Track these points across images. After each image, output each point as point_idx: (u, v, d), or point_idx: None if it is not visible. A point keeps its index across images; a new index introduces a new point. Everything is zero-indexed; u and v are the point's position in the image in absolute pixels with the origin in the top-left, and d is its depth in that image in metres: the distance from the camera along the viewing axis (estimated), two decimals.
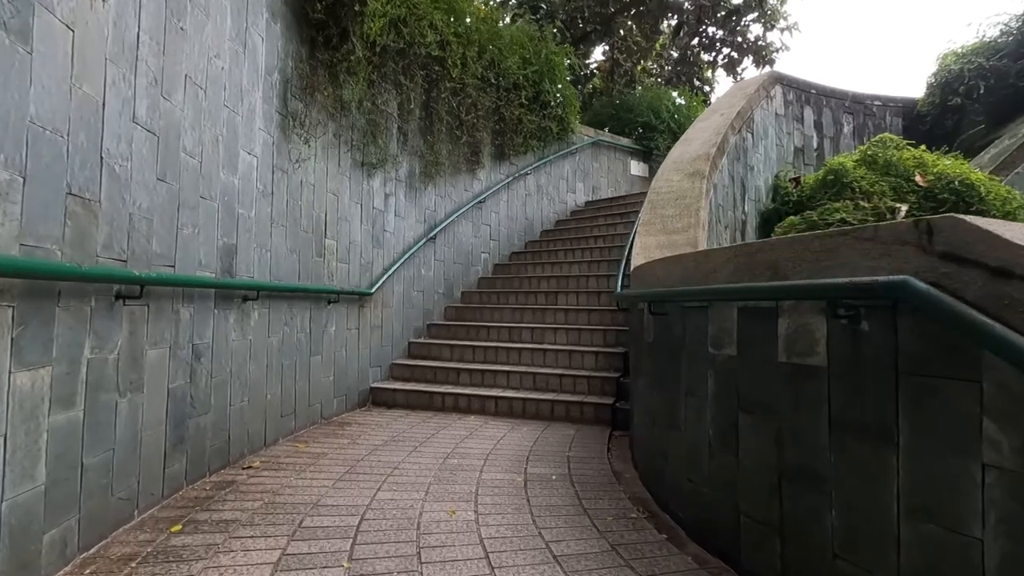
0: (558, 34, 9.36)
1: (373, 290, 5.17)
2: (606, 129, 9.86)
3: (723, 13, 12.38)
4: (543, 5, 10.08)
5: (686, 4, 11.32)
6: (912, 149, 5.70)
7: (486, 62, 6.91)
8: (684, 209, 4.85)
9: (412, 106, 5.71)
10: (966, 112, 7.01)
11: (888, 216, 5.28)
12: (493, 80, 7.02)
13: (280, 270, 3.85)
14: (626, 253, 5.32)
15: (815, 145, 7.34)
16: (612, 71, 12.39)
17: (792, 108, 7.14)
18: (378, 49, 4.91)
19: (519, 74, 7.47)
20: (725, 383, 2.27)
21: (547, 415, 4.76)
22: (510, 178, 7.71)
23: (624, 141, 9.73)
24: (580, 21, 10.55)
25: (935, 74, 7.50)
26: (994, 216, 4.85)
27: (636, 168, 9.90)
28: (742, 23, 12.52)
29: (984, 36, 7.25)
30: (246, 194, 3.43)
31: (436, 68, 5.98)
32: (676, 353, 2.72)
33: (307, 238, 4.22)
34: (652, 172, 9.98)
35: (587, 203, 9.09)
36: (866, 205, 5.27)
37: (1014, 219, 4.88)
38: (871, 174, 5.56)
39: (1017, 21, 6.96)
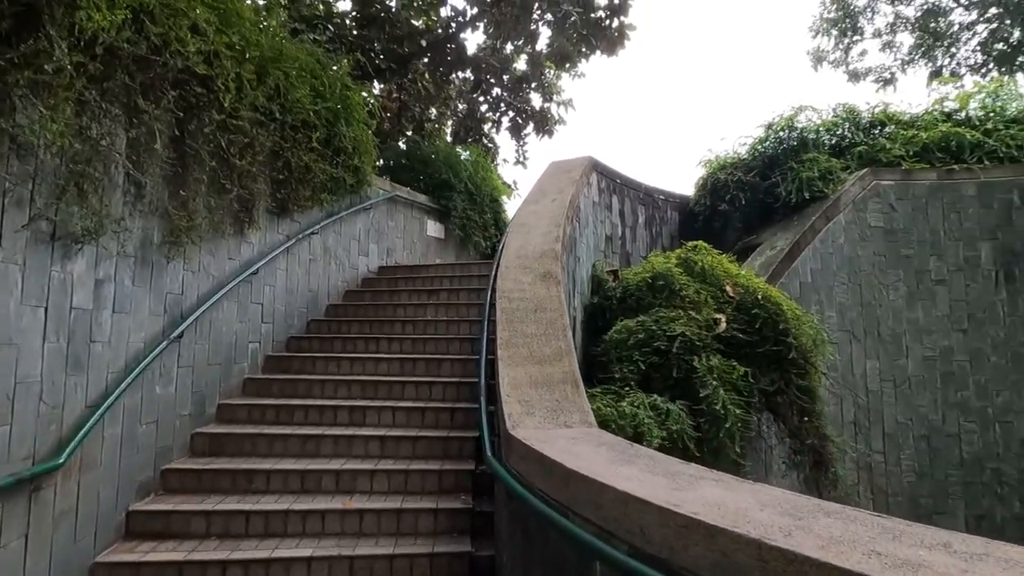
0: (352, 65, 7.89)
1: (64, 457, 2.97)
2: (385, 177, 8.62)
3: (507, 77, 12.52)
4: (329, 26, 8.48)
5: (484, 63, 11.01)
6: (719, 256, 6.01)
7: (269, 89, 5.12)
8: (548, 326, 4.02)
9: (155, 144, 3.66)
10: (731, 217, 8.00)
11: (713, 327, 5.38)
12: (278, 114, 5.24)
13: None
14: (481, 382, 4.21)
15: (620, 234, 7.47)
16: (400, 113, 11.29)
17: (604, 196, 7.13)
18: (99, 51, 2.90)
19: (311, 109, 5.81)
20: None
21: None
22: (292, 240, 5.90)
23: (422, 198, 8.68)
24: (373, 56, 9.24)
25: (705, 179, 8.46)
26: (798, 340, 5.27)
27: (433, 228, 8.93)
28: (523, 89, 12.85)
29: (738, 153, 8.47)
30: None
31: (198, 90, 4.04)
32: None
33: None
34: (448, 233, 9.16)
35: (381, 269, 7.70)
36: (697, 317, 5.25)
37: (814, 347, 5.38)
38: (692, 281, 5.63)
39: (760, 144, 8.28)
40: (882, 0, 18.47)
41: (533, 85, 12.58)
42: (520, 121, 12.63)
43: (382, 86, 10.95)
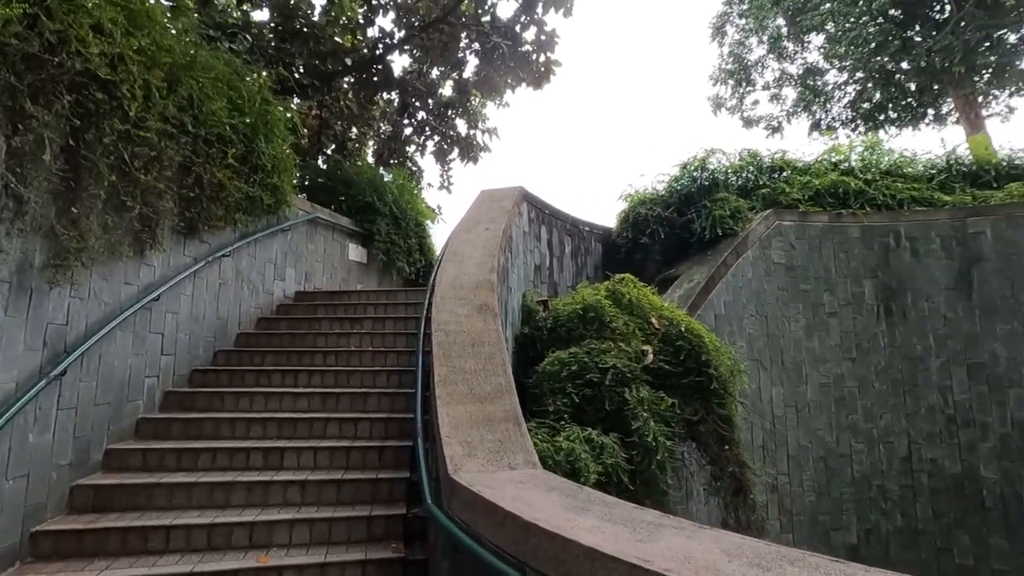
0: (275, 79, 7.47)
1: None
2: (302, 196, 8.18)
3: (433, 101, 12.47)
4: (247, 36, 7.99)
5: (410, 86, 10.87)
6: (644, 288, 6.21)
7: (182, 99, 4.69)
8: (487, 361, 3.90)
9: (43, 154, 3.19)
10: (651, 250, 8.36)
11: (641, 358, 5.51)
12: (190, 127, 4.80)
13: None
14: (417, 418, 3.98)
15: (548, 264, 7.55)
16: (320, 131, 10.85)
17: (534, 226, 7.19)
18: None
19: (227, 123, 5.39)
20: None
21: None
22: (201, 262, 5.39)
23: (344, 221, 8.31)
24: (294, 71, 8.82)
25: (627, 212, 8.81)
26: (718, 370, 5.52)
27: (355, 252, 8.56)
28: (449, 115, 12.85)
29: (656, 189, 8.92)
30: None
31: (99, 96, 3.60)
32: None
33: None
34: (371, 258, 8.83)
35: (299, 294, 7.23)
36: (627, 348, 5.36)
37: (731, 377, 5.65)
38: (621, 313, 5.76)
39: (676, 182, 8.78)
40: (771, 57, 20.54)
41: (459, 111, 12.62)
42: (445, 146, 12.58)
43: (299, 102, 10.49)
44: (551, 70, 10.18)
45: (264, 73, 6.86)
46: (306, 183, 8.73)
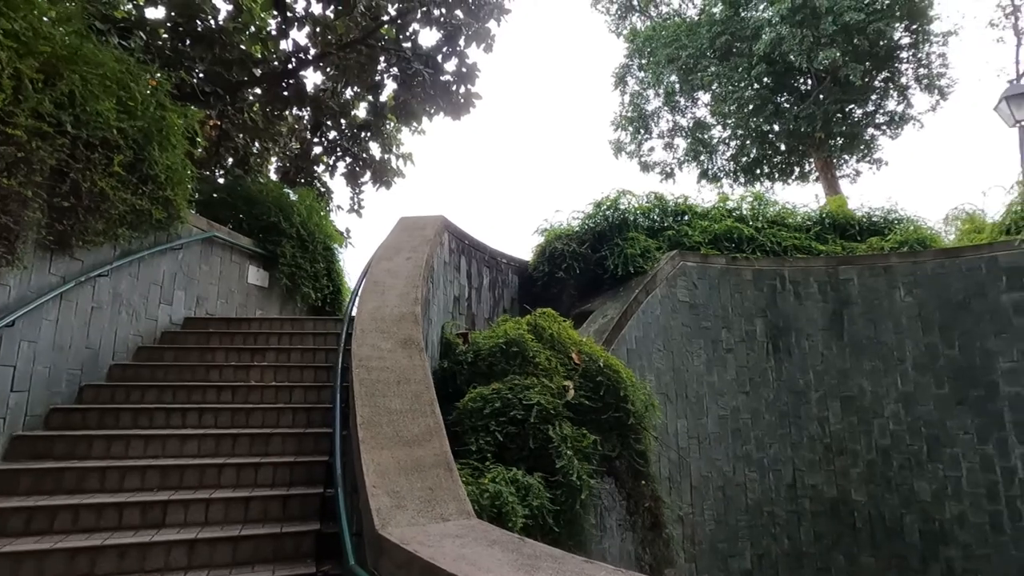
0: (175, 83, 6.76)
1: None
2: (195, 211, 7.44)
3: (346, 122, 12.05)
4: (141, 34, 7.22)
5: (323, 104, 10.38)
6: (564, 323, 6.26)
7: (61, 95, 4.08)
8: (415, 400, 3.67)
9: None
10: (567, 284, 8.52)
11: (563, 394, 5.50)
12: (70, 127, 4.17)
13: None
14: (336, 462, 3.61)
15: (467, 295, 7.41)
16: (219, 142, 10.01)
17: (454, 257, 7.04)
18: None
19: (115, 126, 4.77)
20: None
21: None
22: (71, 283, 4.64)
23: (245, 241, 7.63)
24: (194, 76, 8.07)
25: (543, 247, 8.94)
26: (635, 405, 5.65)
27: (255, 276, 7.86)
28: (363, 137, 12.46)
29: (571, 225, 9.17)
30: None
31: None
32: None
33: None
34: (274, 282, 8.17)
35: (188, 321, 6.47)
36: (550, 384, 5.32)
37: (646, 412, 5.79)
38: (543, 348, 5.74)
39: (590, 220, 9.09)
40: (665, 109, 22.33)
41: (373, 134, 12.28)
42: (357, 169, 12.13)
43: (195, 109, 9.62)
44: (471, 102, 10.24)
45: (159, 75, 6.19)
46: (203, 198, 7.95)
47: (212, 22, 8.65)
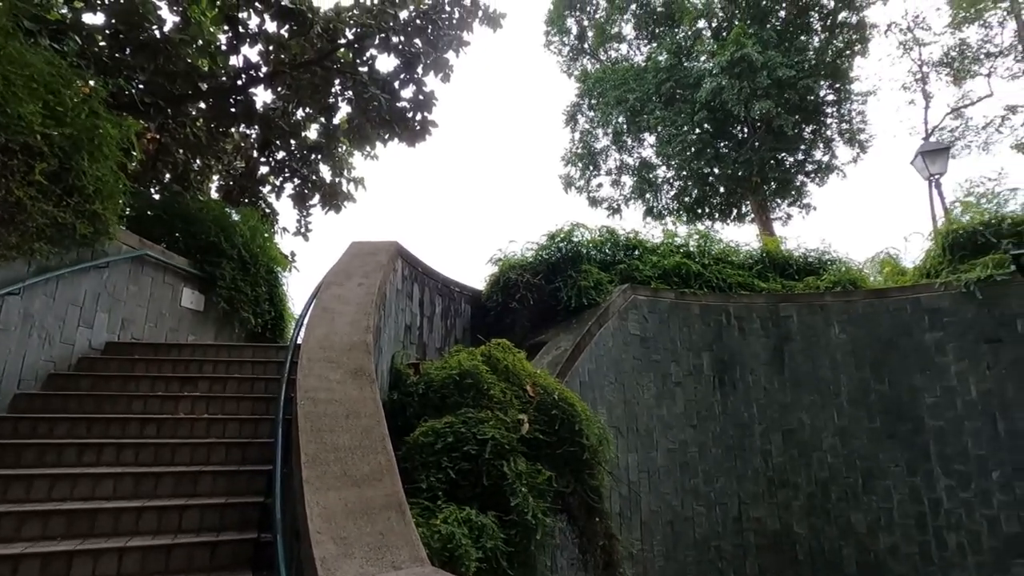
0: (112, 91, 6.33)
1: None
2: (124, 227, 6.90)
3: (296, 143, 11.71)
4: (76, 38, 6.76)
5: (273, 123, 10.03)
6: (519, 354, 6.14)
7: None
8: (364, 436, 3.43)
9: None
10: (520, 315, 8.43)
11: (518, 427, 5.33)
12: None
13: None
14: (276, 504, 3.28)
15: (419, 324, 7.18)
16: (156, 157, 9.45)
17: (407, 284, 6.83)
18: None
19: (39, 132, 4.37)
20: None
21: None
22: None
23: (180, 261, 7.13)
24: (134, 85, 7.61)
25: (497, 276, 8.85)
26: (589, 440, 5.55)
27: (190, 298, 7.34)
28: (313, 159, 12.13)
29: (525, 256, 9.15)
30: None
31: None
32: None
33: None
34: (210, 305, 7.66)
35: (110, 346, 5.92)
36: (504, 418, 5.16)
37: (599, 446, 5.70)
38: (498, 380, 5.59)
39: (544, 251, 9.11)
40: (613, 148, 23.16)
41: (324, 156, 11.98)
42: (306, 191, 11.76)
43: (132, 120, 9.08)
44: (427, 129, 10.18)
45: (92, 83, 5.79)
46: (136, 214, 7.42)
47: (157, 32, 8.25)
